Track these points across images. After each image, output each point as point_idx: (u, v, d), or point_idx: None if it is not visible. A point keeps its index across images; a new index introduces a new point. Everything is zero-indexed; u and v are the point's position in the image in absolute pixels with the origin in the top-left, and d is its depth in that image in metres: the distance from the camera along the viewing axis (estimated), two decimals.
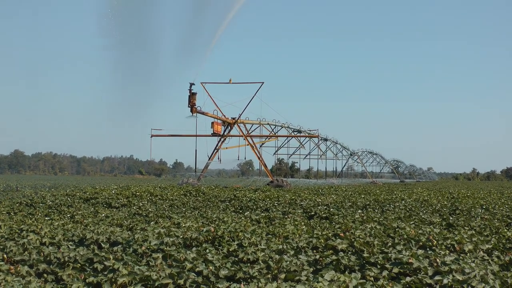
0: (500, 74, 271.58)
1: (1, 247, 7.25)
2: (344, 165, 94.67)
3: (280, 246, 7.44)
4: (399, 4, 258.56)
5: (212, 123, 44.79)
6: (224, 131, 47.10)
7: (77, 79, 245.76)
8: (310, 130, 60.99)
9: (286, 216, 13.43)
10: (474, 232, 9.34)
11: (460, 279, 5.63)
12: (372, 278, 6.03)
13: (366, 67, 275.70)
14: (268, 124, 54.12)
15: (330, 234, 8.54)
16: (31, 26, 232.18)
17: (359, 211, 14.80)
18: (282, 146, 66.47)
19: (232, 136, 48.31)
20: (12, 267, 6.07)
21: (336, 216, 13.14)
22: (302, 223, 11.18)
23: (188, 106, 41.91)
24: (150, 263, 6.33)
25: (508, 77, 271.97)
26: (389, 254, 6.63)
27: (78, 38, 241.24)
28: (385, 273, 6.11)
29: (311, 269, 6.28)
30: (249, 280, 5.94)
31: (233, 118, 47.06)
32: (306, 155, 72.19)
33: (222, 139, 47.21)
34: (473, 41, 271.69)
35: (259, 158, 51.03)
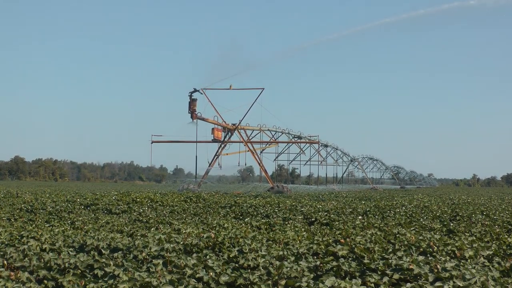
0: (501, 80, 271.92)
1: (1, 253, 7.24)
2: (345, 171, 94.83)
3: (281, 252, 7.44)
4: (398, 8, 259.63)
5: (213, 129, 44.86)
6: (225, 137, 47.17)
7: (77, 83, 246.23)
8: (310, 136, 61.12)
9: (286, 222, 13.42)
10: (474, 238, 9.33)
11: (461, 285, 5.62)
12: (372, 284, 6.02)
13: (366, 73, 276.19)
14: (268, 130, 54.23)
15: (330, 240, 8.53)
16: (33, 28, 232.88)
17: (360, 217, 14.79)
18: (283, 152, 66.65)
19: (232, 142, 48.40)
20: (12, 273, 6.06)
21: (337, 222, 13.12)
22: (303, 229, 11.18)
23: (189, 112, 42.01)
24: (151, 269, 6.32)
25: (508, 83, 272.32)
26: (390, 260, 6.62)
27: (80, 42, 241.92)
28: (385, 279, 6.10)
29: (312, 275, 6.27)
30: (249, 287, 5.93)
31: (234, 124, 47.14)
32: (307, 161, 72.37)
33: (223, 145, 47.28)
34: (473, 44, 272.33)
35: (259, 164, 51.08)
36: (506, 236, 9.79)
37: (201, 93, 43.43)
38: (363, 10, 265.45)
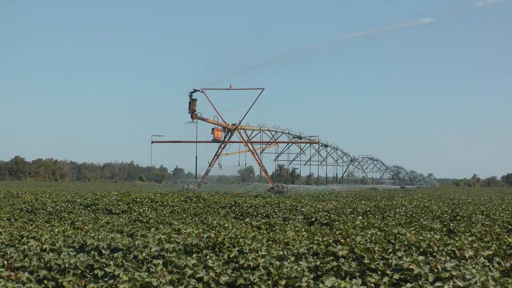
0: (501, 79, 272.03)
1: (2, 253, 7.24)
2: (345, 171, 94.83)
3: (281, 252, 7.43)
4: (397, 9, 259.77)
5: (213, 129, 44.83)
6: (225, 137, 47.14)
7: (77, 83, 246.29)
8: (310, 136, 61.11)
9: (286, 222, 13.42)
10: (474, 238, 9.33)
11: (461, 285, 5.62)
12: (372, 285, 6.03)
13: (366, 73, 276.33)
14: (268, 130, 54.22)
15: (330, 240, 8.53)
16: (33, 27, 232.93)
17: (360, 217, 14.78)
18: (283, 152, 66.65)
19: (232, 142, 48.37)
20: (12, 273, 6.07)
21: (337, 222, 13.12)
22: (303, 229, 11.18)
23: (189, 112, 41.99)
24: (151, 269, 6.32)
25: (509, 82, 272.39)
26: (390, 260, 6.62)
27: (80, 42, 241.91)
28: (385, 279, 6.10)
29: (312, 275, 6.28)
30: (249, 287, 5.93)
31: (234, 124, 47.12)
32: (307, 161, 72.35)
33: (223, 145, 47.25)
34: (473, 44, 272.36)
35: (259, 164, 51.08)
36: (506, 236, 9.79)
37: (202, 92, 43.43)
38: (363, 11, 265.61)
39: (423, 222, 13.14)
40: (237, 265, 6.92)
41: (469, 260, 7.40)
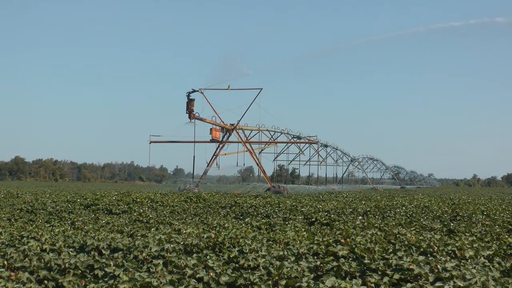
0: (502, 79, 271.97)
1: (2, 253, 7.24)
2: (345, 171, 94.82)
3: (281, 253, 7.43)
4: (397, 9, 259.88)
5: (211, 129, 44.79)
6: (223, 137, 47.10)
7: (77, 84, 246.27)
8: (309, 136, 61.10)
9: (286, 222, 13.41)
10: (475, 238, 9.32)
11: (461, 285, 5.62)
12: (373, 285, 6.02)
13: (366, 72, 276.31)
14: (267, 130, 54.19)
15: (331, 240, 8.52)
16: (32, 28, 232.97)
17: (360, 217, 14.77)
18: (282, 153, 66.73)
19: (231, 142, 48.32)
20: (12, 273, 6.06)
21: (337, 222, 13.12)
22: (303, 229, 11.17)
23: (186, 112, 41.95)
24: (151, 269, 6.32)
25: (509, 82, 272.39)
26: (390, 261, 6.62)
27: (80, 42, 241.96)
28: (386, 279, 6.09)
29: (312, 276, 6.27)
30: (250, 287, 5.93)
31: (232, 124, 47.06)
32: (306, 162, 72.37)
33: (221, 146, 47.20)
34: (473, 44, 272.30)
35: (258, 165, 51.05)
36: (506, 236, 9.79)
37: (201, 93, 43.38)
38: (362, 14, 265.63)
39: (423, 222, 13.13)
40: (237, 265, 6.91)
41: (469, 260, 7.40)
